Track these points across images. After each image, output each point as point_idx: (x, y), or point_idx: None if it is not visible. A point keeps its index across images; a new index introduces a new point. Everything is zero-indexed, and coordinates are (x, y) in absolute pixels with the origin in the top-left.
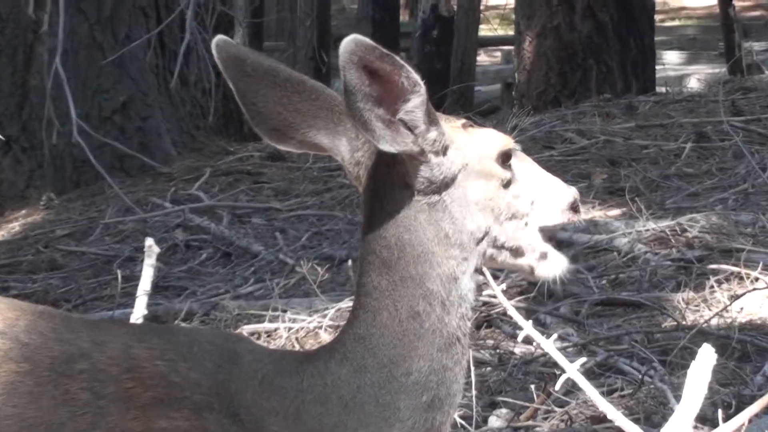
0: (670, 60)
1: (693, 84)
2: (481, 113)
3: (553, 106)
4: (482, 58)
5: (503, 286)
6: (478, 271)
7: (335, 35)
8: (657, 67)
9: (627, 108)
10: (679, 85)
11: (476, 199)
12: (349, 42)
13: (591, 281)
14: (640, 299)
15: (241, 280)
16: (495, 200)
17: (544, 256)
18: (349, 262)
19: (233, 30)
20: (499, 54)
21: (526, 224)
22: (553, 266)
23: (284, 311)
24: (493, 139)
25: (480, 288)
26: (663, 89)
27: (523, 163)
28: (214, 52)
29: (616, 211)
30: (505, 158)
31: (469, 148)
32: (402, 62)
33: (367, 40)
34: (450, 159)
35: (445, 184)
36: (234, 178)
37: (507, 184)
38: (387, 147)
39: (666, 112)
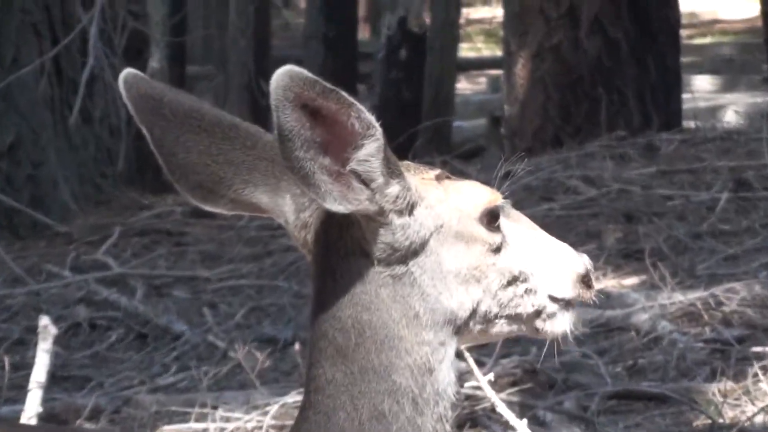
0: (701, 87)
1: (730, 117)
2: (461, 156)
3: (553, 147)
4: (463, 85)
5: (491, 375)
6: (459, 355)
7: (276, 57)
8: (684, 96)
9: (646, 148)
10: (712, 118)
11: (455, 268)
12: (281, 76)
13: (603, 368)
14: (664, 391)
15: (159, 368)
16: (482, 269)
17: (551, 315)
18: (296, 346)
19: (148, 51)
20: (483, 80)
21: (528, 290)
22: (562, 321)
23: (215, 408)
24: (474, 195)
25: (462, 377)
26: (692, 124)
27: (516, 223)
28: (122, 89)
29: (633, 280)
30: (491, 218)
31: (443, 206)
32: (351, 99)
33: (305, 73)
34: (418, 220)
35: (413, 252)
36: (150, 240)
37: (497, 249)
38: (335, 206)
39: (696, 154)
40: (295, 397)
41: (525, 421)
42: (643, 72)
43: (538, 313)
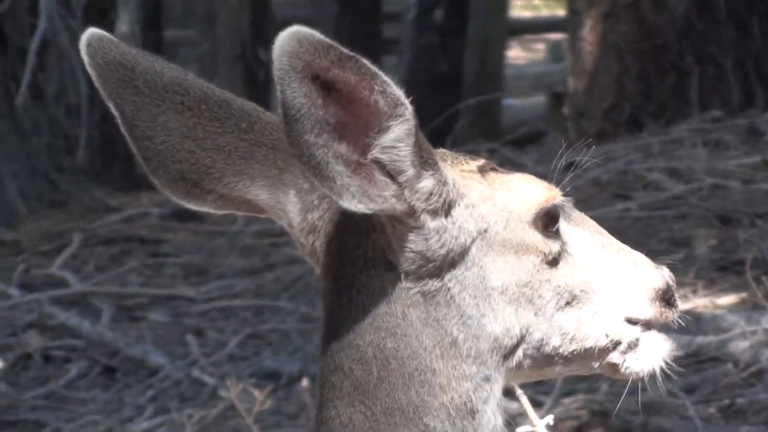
0: None
1: None
2: (514, 142)
3: (631, 131)
4: (515, 53)
5: (550, 418)
6: (509, 393)
7: (278, 18)
8: None
9: (748, 133)
10: None
11: (502, 284)
12: (287, 39)
13: (691, 409)
14: None
15: (132, 410)
16: (534, 285)
17: (632, 345)
18: (304, 382)
19: (115, 12)
20: (542, 47)
21: (595, 313)
22: (649, 355)
23: None
24: (527, 192)
25: (513, 421)
26: None
27: (578, 227)
28: (84, 55)
29: (730, 298)
30: (549, 221)
31: (488, 205)
32: (375, 69)
33: (317, 35)
34: (457, 223)
35: (450, 263)
36: (120, 250)
37: (554, 261)
38: (354, 204)
39: None
40: None
41: None
42: (744, 36)
43: (615, 344)
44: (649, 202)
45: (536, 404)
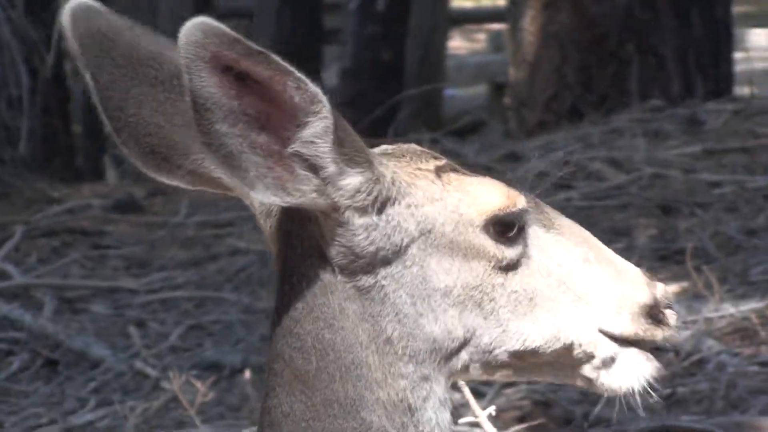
0: (757, 44)
1: None
2: (455, 132)
3: (572, 121)
4: (457, 43)
5: (492, 409)
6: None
7: (222, 9)
8: (737, 56)
9: (688, 122)
10: None
11: (445, 286)
12: (191, 30)
13: (633, 398)
14: (710, 427)
15: (74, 402)
16: (485, 289)
17: (608, 361)
18: (246, 374)
19: (56, 4)
20: (483, 37)
21: (562, 321)
22: (628, 373)
23: None
24: (482, 196)
25: (455, 411)
26: (745, 91)
27: (560, 237)
28: (66, 23)
29: (671, 287)
30: (501, 227)
31: (436, 206)
32: (286, 66)
33: (222, 27)
34: (392, 221)
35: (384, 260)
36: (61, 242)
37: (509, 267)
38: (267, 196)
39: (750, 129)
40: None
41: None
42: (684, 26)
43: (588, 357)
44: (589, 192)
45: (478, 395)
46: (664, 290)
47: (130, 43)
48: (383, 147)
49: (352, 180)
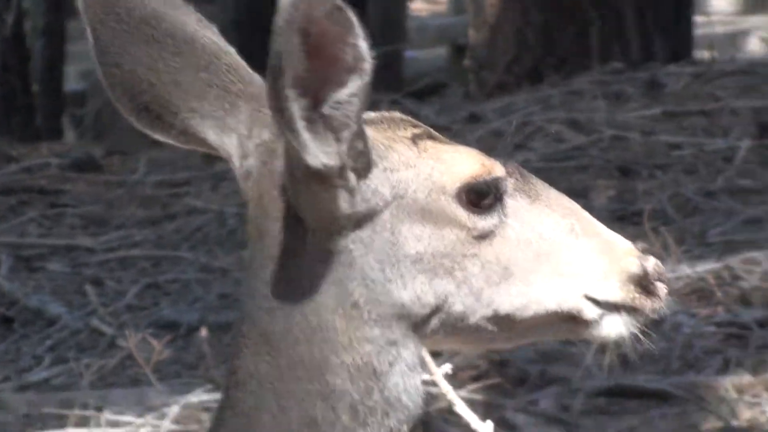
0: (718, 7)
1: (753, 46)
2: (415, 94)
3: (532, 83)
4: (418, 5)
5: (447, 367)
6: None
7: None
8: (697, 19)
9: (648, 84)
10: (731, 47)
11: (416, 253)
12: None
13: (588, 358)
14: (666, 387)
15: (30, 360)
16: (456, 258)
17: (593, 322)
18: (203, 332)
19: None
20: None
21: (540, 290)
22: (617, 328)
23: (99, 409)
24: (456, 164)
25: None
26: (705, 55)
27: (545, 208)
28: None
29: None
30: (475, 196)
31: (410, 172)
32: (355, 21)
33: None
34: (371, 185)
35: (356, 224)
36: (18, 200)
37: (483, 237)
38: (315, 160)
39: (710, 91)
40: (200, 396)
41: (490, 424)
42: None
43: (572, 318)
44: (548, 153)
45: (434, 354)
46: (655, 263)
47: (136, 1)
48: (365, 114)
49: (361, 142)
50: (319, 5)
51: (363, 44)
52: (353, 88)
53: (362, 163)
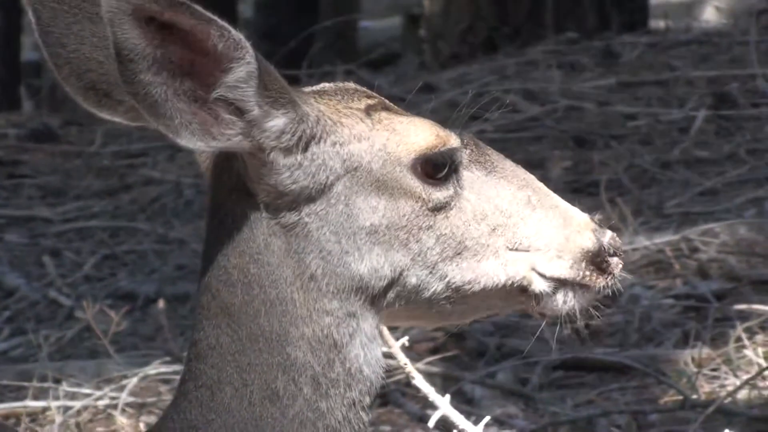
0: None
1: (709, 15)
2: (370, 64)
3: (486, 53)
4: None
5: (405, 339)
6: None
7: None
8: None
9: (603, 54)
10: (687, 16)
11: (370, 224)
12: None
13: (546, 331)
14: (624, 360)
15: None
16: (411, 231)
17: (543, 295)
18: (160, 303)
19: None
20: None
21: (492, 264)
22: (569, 301)
23: (58, 381)
24: (411, 135)
25: None
26: (661, 24)
27: (501, 179)
28: None
29: None
30: (431, 168)
31: (363, 144)
32: (208, 15)
33: None
34: (316, 159)
35: (307, 198)
36: None
37: (439, 209)
38: (193, 142)
39: (666, 61)
40: (158, 368)
41: (448, 397)
42: None
43: (522, 290)
44: (503, 124)
45: (390, 327)
46: (611, 237)
47: None
48: (322, 85)
49: (277, 121)
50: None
51: (232, 34)
52: (238, 74)
53: (289, 141)
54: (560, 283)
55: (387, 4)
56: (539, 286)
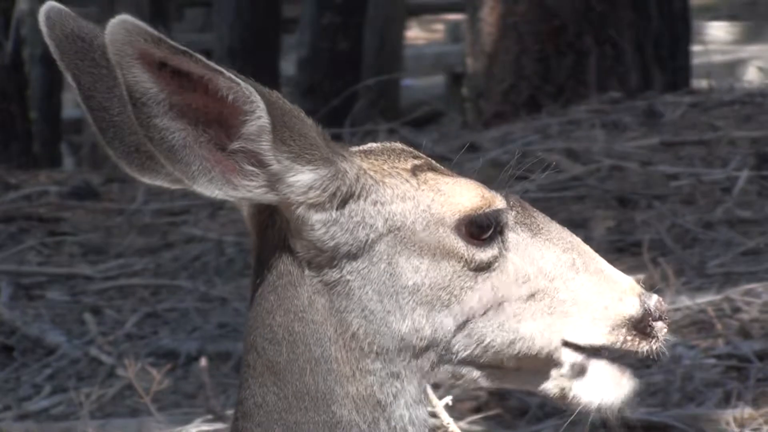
0: (716, 37)
1: (751, 75)
2: (412, 122)
3: (529, 112)
4: (414, 33)
5: (448, 398)
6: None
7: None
8: (695, 49)
9: (646, 114)
10: (729, 76)
11: (413, 284)
12: (115, 28)
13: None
14: (666, 419)
15: (29, 389)
16: (453, 291)
17: (578, 371)
18: (202, 362)
19: None
20: (441, 27)
21: (528, 329)
22: (603, 387)
23: None
24: (456, 196)
25: None
26: (703, 84)
27: (547, 242)
28: (42, 27)
29: None
30: (475, 229)
31: (406, 204)
32: (213, 65)
33: (144, 26)
34: (353, 217)
35: (348, 255)
36: (18, 228)
37: (481, 269)
38: (210, 190)
39: (708, 122)
40: (199, 427)
41: None
42: (642, 18)
43: (554, 364)
44: (546, 184)
45: (435, 385)
46: (657, 301)
47: (105, 45)
48: (369, 144)
49: (303, 177)
50: (154, 43)
51: (242, 87)
52: (251, 128)
53: (319, 197)
54: (592, 353)
55: (429, 62)
56: (568, 358)
